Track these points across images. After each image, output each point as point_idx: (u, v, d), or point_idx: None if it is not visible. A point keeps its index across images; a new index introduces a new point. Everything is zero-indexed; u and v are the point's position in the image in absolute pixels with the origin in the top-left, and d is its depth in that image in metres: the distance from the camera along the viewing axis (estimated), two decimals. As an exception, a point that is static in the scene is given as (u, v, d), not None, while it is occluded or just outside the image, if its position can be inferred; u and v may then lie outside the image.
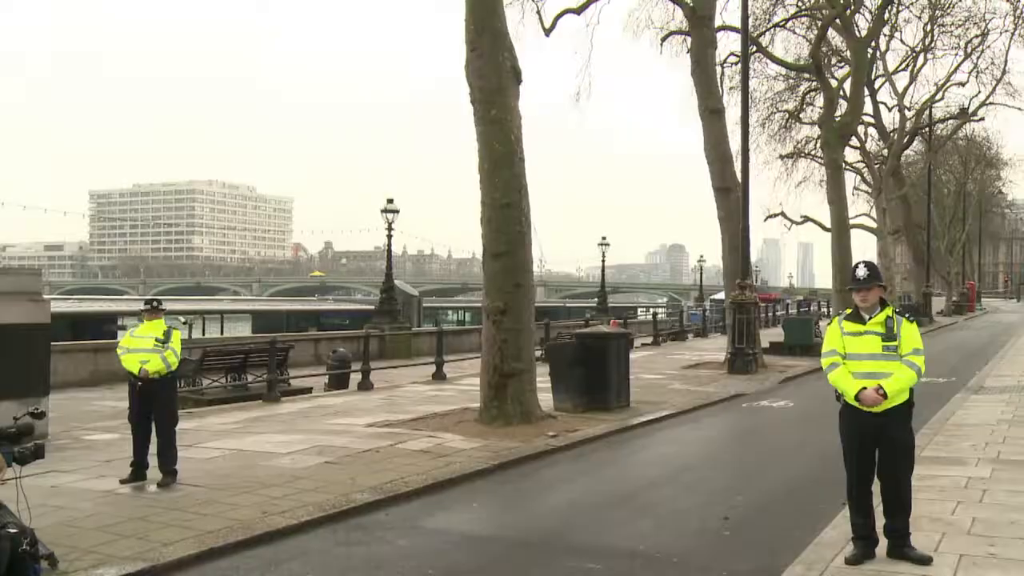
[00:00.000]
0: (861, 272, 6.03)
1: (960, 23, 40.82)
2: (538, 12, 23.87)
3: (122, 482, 8.77)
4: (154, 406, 8.90)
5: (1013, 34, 39.49)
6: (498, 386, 12.67)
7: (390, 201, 32.83)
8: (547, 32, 24.05)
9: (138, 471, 8.87)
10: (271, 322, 41.03)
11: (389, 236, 32.77)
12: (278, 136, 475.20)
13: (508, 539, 7.52)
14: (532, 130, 14.36)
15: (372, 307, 38.19)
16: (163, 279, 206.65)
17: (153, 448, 8.90)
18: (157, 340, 8.86)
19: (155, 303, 9.37)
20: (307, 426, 12.51)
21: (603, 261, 49.97)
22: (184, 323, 31.88)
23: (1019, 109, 46.11)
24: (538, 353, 16.11)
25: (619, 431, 12.65)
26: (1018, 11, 37.64)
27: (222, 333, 39.41)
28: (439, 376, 19.14)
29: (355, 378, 18.24)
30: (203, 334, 36.08)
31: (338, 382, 18.58)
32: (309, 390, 17.64)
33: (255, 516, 7.61)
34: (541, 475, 10.03)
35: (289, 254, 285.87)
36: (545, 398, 13.67)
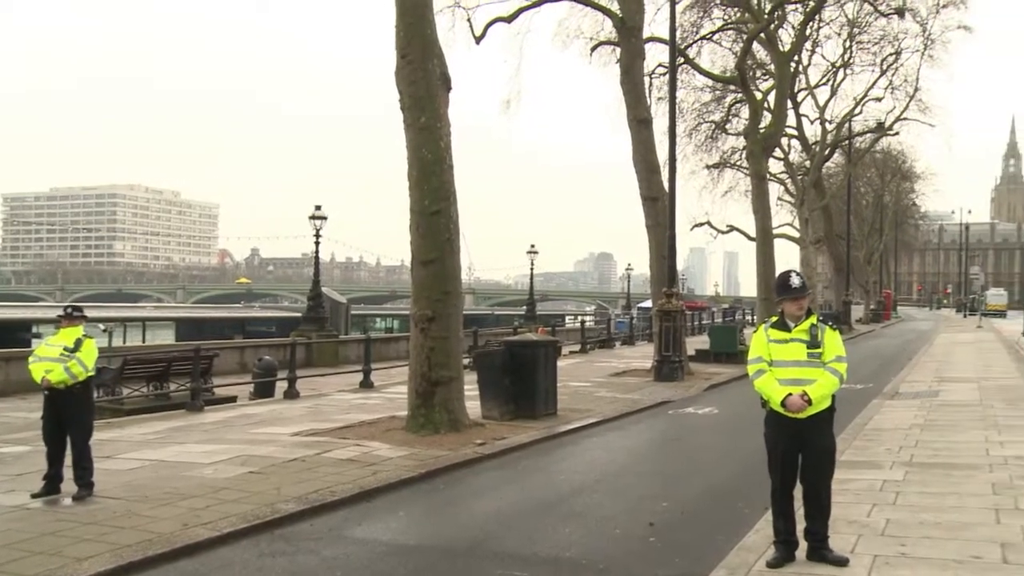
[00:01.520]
0: (796, 281, 6.17)
1: (876, 41, 42.26)
2: (468, 20, 23.89)
3: (34, 496, 8.48)
4: (68, 417, 8.62)
5: (923, 54, 41.17)
6: (426, 394, 12.62)
7: (318, 208, 32.53)
8: (477, 40, 24.09)
9: (51, 484, 8.58)
10: (195, 330, 40.34)
11: (317, 243, 32.45)
12: (204, 141, 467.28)
13: (434, 548, 7.49)
14: (462, 137, 14.38)
15: (299, 314, 37.82)
16: (82, 285, 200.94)
17: (68, 460, 8.64)
18: (65, 349, 8.53)
19: (72, 310, 9.07)
20: (231, 436, 12.30)
21: (532, 269, 50.27)
22: (104, 331, 31.16)
23: (931, 125, 48.01)
24: (466, 361, 16.08)
25: (546, 439, 12.68)
26: (927, 32, 39.22)
27: (144, 341, 38.57)
28: (366, 384, 18.99)
29: (281, 386, 17.98)
30: (124, 342, 35.24)
31: (264, 391, 18.31)
32: (234, 399, 17.33)
33: (176, 528, 7.44)
34: (468, 483, 10.01)
35: (215, 261, 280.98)
36: (473, 406, 13.64)
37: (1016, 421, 13.00)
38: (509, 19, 24.48)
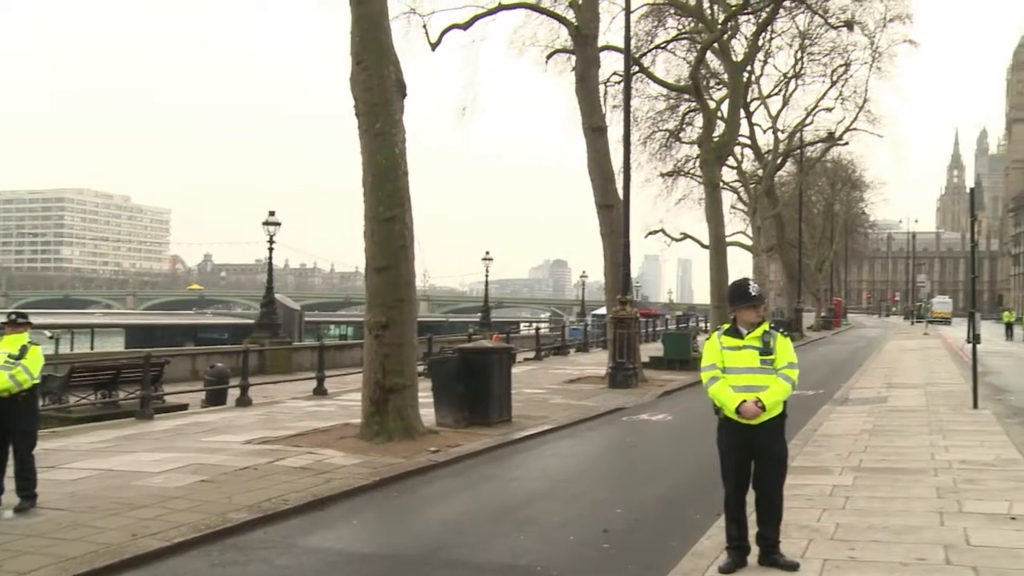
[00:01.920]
0: (755, 289, 6.25)
1: (826, 53, 43.16)
2: (424, 26, 23.88)
3: (-26, 508, 8.30)
4: (11, 426, 8.42)
5: (871, 66, 42.17)
6: (380, 401, 12.55)
7: (272, 213, 32.27)
8: (433, 47, 24.08)
9: (-8, 496, 8.40)
10: (146, 336, 39.71)
11: (270, 249, 32.18)
12: (156, 146, 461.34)
13: (388, 556, 7.45)
14: (417, 144, 14.33)
15: (252, 321, 37.42)
16: (27, 291, 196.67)
17: (11, 471, 8.45)
18: (9, 357, 8.35)
19: (17, 316, 8.89)
20: (182, 444, 12.13)
21: (487, 276, 50.28)
22: (50, 338, 30.54)
23: (879, 136, 49.16)
24: (421, 368, 16.05)
25: (500, 446, 12.68)
26: (875, 45, 40.12)
27: (92, 348, 37.90)
28: (320, 391, 18.85)
29: (233, 394, 17.79)
30: (71, 349, 34.59)
31: (215, 398, 18.10)
32: (185, 407, 17.12)
33: (124, 539, 7.31)
34: (422, 491, 9.97)
35: (166, 267, 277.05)
36: (427, 413, 13.61)
37: (960, 426, 13.26)
38: (465, 26, 24.51)
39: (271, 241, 31.82)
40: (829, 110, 47.85)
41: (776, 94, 47.96)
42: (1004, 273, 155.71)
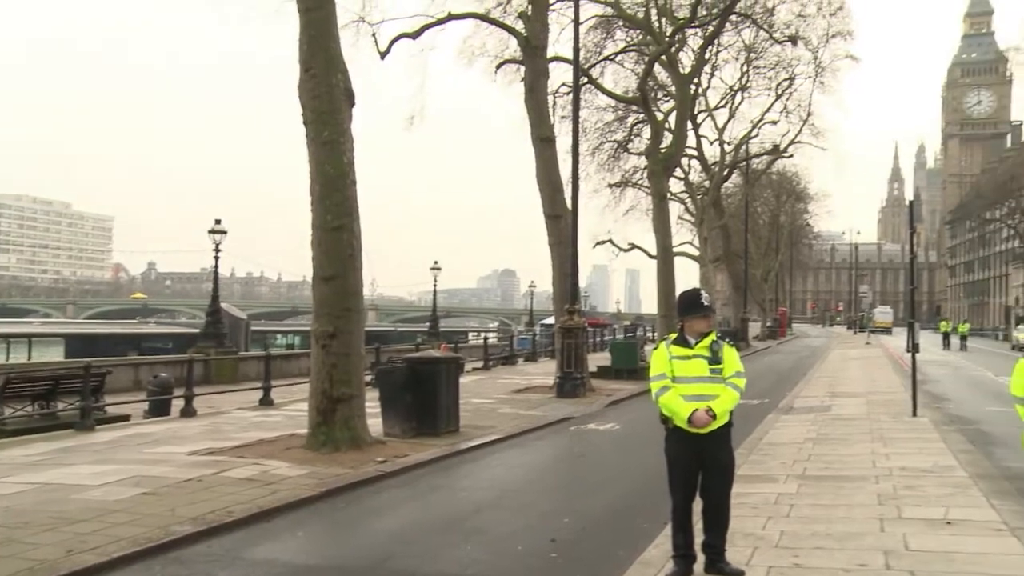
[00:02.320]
0: (706, 299, 6.34)
1: (772, 66, 44.05)
2: (373, 35, 23.82)
3: (-92, 521, 8.06)
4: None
5: (815, 80, 43.16)
6: (326, 411, 12.44)
7: (218, 222, 31.89)
8: (382, 56, 24.02)
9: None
10: (87, 346, 38.89)
11: (216, 258, 31.77)
12: (98, 152, 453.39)
13: (334, 567, 7.37)
14: (365, 152, 14.25)
15: (197, 331, 36.91)
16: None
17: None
18: None
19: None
20: (123, 456, 11.89)
21: (435, 285, 50.19)
22: (-14, 347, 29.83)
23: (822, 148, 50.23)
24: (368, 378, 15.93)
25: (448, 456, 12.63)
26: (818, 60, 41.05)
27: (30, 358, 37.05)
28: (266, 402, 18.65)
29: (178, 404, 17.52)
30: (7, 359, 33.82)
31: (159, 409, 17.80)
32: (127, 418, 16.80)
33: (60, 555, 7.13)
34: (369, 502, 9.89)
35: (109, 275, 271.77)
36: (375, 423, 13.52)
37: (900, 434, 13.52)
38: (414, 35, 24.50)
39: (217, 249, 31.44)
40: (774, 123, 48.81)
41: (723, 106, 48.79)
42: (942, 284, 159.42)
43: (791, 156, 53.18)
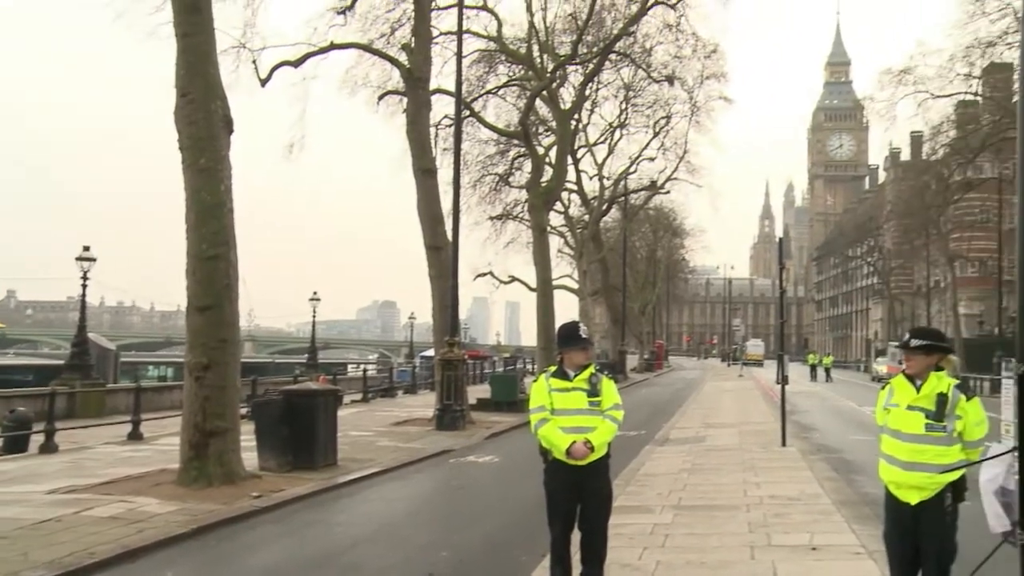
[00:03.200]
0: (584, 331, 6.40)
1: (649, 105, 45.36)
2: (254, 62, 23.42)
3: None
4: None
5: (691, 119, 44.67)
6: (199, 445, 12.06)
7: (86, 248, 30.64)
8: (263, 83, 23.65)
9: None
10: (-66, 379, 36.68)
11: (84, 286, 30.45)
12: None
13: (204, 609, 7.12)
14: (244, 180, 14.03)
15: (62, 362, 35.23)
16: None
17: None
18: None
19: None
20: (-24, 495, 11.24)
21: (314, 316, 49.37)
22: None
23: (698, 185, 52.05)
24: (244, 410, 15.54)
25: (325, 490, 12.40)
26: (694, 100, 42.58)
27: None
28: (136, 435, 17.96)
29: (37, 440, 16.66)
30: None
31: (15, 445, 16.87)
32: (-22, 456, 15.89)
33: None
34: (242, 538, 9.62)
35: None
36: (250, 457, 13.16)
37: (770, 463, 13.97)
38: (296, 63, 24.25)
39: (85, 277, 30.18)
40: (652, 159, 50.17)
41: (602, 142, 49.88)
42: (809, 318, 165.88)
43: (668, 192, 54.90)
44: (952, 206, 53.74)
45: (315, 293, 48.76)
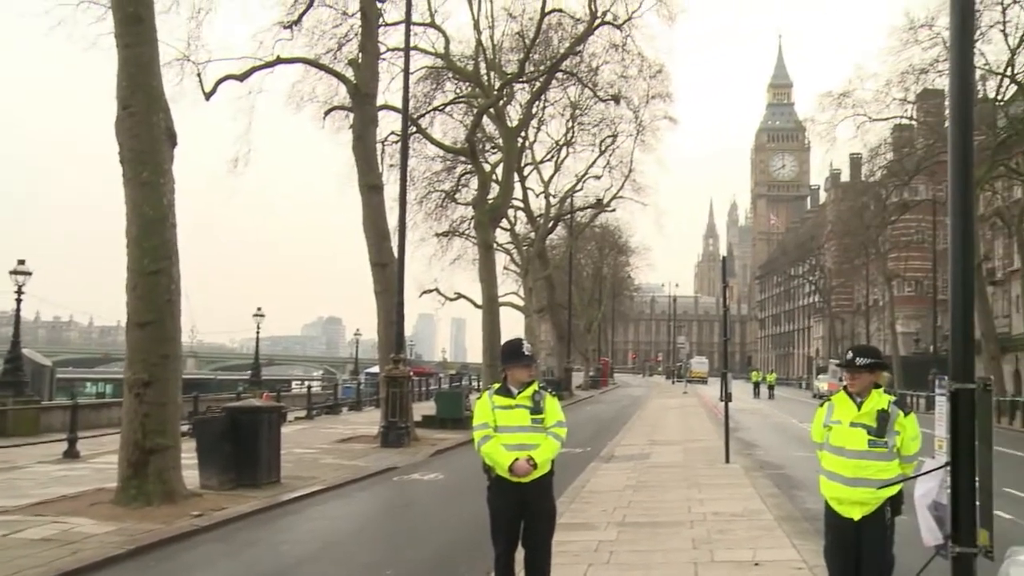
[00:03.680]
0: (528, 348, 6.40)
1: (596, 123, 45.74)
2: (198, 75, 23.23)
3: None
4: None
5: (636, 138, 45.15)
6: (138, 464, 11.82)
7: (21, 262, 29.98)
8: (207, 96, 23.44)
9: None
10: None
11: (18, 300, 29.80)
12: None
13: (142, 630, 6.98)
14: (188, 195, 13.85)
15: (-7, 379, 34.33)
16: None
17: None
18: None
19: None
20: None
21: (258, 332, 48.78)
22: None
23: (643, 204, 52.55)
24: (185, 428, 15.28)
25: (269, 508, 12.24)
26: (639, 119, 43.06)
27: None
28: (72, 454, 17.53)
29: (-32, 459, 16.20)
30: None
31: (-59, 465, 16.38)
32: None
33: None
34: (182, 558, 9.44)
35: None
36: (191, 476, 12.95)
37: (713, 480, 14.10)
38: (241, 77, 24.07)
39: (19, 292, 29.52)
40: (598, 178, 50.56)
41: (549, 160, 50.12)
42: (753, 335, 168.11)
43: (614, 210, 55.31)
44: (889, 227, 54.98)
45: (259, 309, 48.19)
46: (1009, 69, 34.42)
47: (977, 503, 4.09)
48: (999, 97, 35.51)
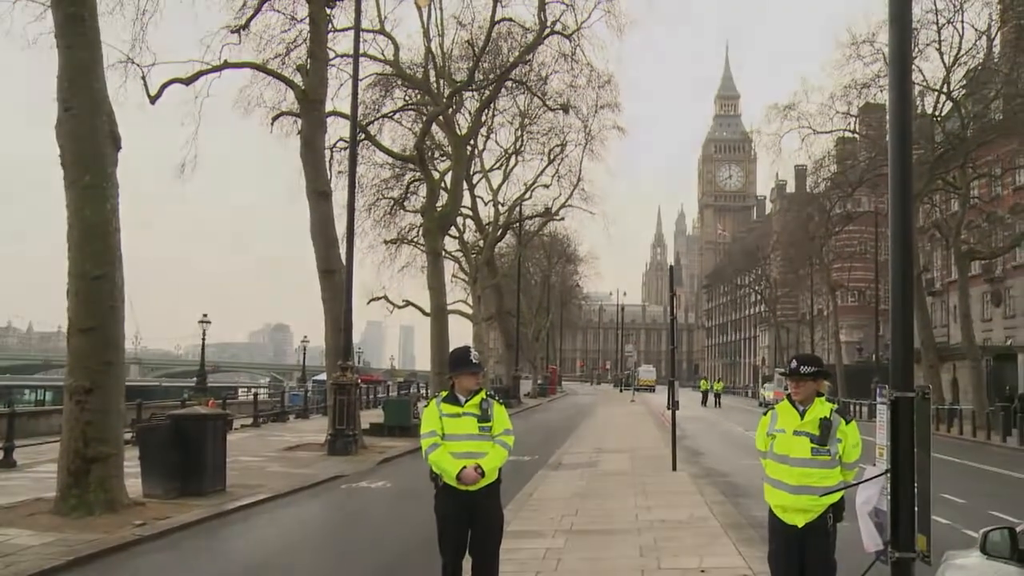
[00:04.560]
0: (475, 356, 6.40)
1: (545, 132, 45.96)
2: (143, 78, 22.83)
3: None
4: None
5: (585, 148, 45.50)
6: (79, 472, 11.58)
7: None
8: (152, 100, 23.06)
9: None
10: None
11: (-45, 305, 29.16)
12: None
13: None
14: (133, 198, 13.63)
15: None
16: None
17: None
18: None
19: None
20: None
21: (204, 339, 48.12)
22: None
23: (591, 213, 52.97)
24: (129, 435, 15.04)
25: (214, 516, 12.07)
26: (588, 129, 43.40)
27: None
28: (8, 463, 17.12)
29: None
30: None
31: None
32: None
33: None
34: (124, 569, 9.28)
35: None
36: (134, 484, 12.73)
37: (660, 487, 14.22)
38: (187, 81, 23.73)
39: (-44, 297, 28.87)
40: (547, 186, 50.74)
41: (498, 168, 50.18)
42: (700, 344, 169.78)
43: (562, 219, 55.61)
44: (833, 238, 55.92)
45: (205, 315, 47.55)
46: (945, 86, 35.30)
47: (916, 509, 4.19)
48: (936, 113, 36.39)
